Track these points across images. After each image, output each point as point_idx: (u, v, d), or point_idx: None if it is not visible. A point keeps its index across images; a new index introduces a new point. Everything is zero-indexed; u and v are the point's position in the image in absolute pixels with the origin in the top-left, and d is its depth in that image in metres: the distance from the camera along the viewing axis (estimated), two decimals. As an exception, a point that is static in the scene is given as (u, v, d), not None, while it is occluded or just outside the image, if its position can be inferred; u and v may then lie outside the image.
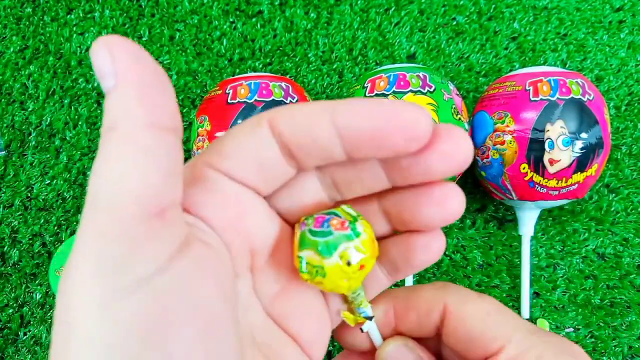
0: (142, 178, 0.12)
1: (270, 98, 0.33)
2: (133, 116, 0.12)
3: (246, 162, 0.16)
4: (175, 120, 0.13)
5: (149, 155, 0.12)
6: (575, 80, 0.33)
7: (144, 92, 0.13)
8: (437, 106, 0.32)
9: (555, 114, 0.32)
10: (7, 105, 0.42)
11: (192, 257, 0.13)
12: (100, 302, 0.12)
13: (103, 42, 0.12)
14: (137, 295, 0.12)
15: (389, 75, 0.33)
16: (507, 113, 0.33)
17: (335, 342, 0.36)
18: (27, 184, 0.40)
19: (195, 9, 0.45)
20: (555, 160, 0.32)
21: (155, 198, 0.12)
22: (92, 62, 0.13)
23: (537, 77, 0.33)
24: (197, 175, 0.16)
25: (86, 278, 0.12)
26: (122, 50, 0.12)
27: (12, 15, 0.44)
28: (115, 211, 0.12)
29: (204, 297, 0.13)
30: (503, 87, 0.35)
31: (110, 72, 0.12)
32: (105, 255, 0.12)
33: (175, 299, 0.12)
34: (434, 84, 0.33)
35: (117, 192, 0.12)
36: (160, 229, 0.12)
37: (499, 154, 0.34)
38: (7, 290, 0.37)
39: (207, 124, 0.33)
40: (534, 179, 0.33)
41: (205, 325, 0.13)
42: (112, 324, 0.12)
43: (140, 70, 0.13)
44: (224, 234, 0.15)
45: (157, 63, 0.13)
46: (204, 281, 0.14)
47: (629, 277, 0.39)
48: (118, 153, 0.12)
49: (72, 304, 0.12)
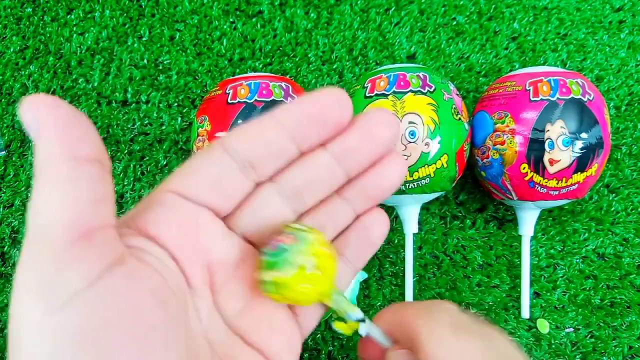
0: (65, 206, 0.14)
1: (271, 98, 0.33)
2: (54, 154, 0.14)
3: (201, 181, 0.18)
4: (98, 152, 0.15)
5: (71, 184, 0.14)
6: (575, 80, 0.33)
7: (62, 132, 0.14)
8: (437, 106, 0.32)
9: (555, 114, 0.32)
10: (7, 105, 0.42)
11: (125, 273, 0.15)
12: (38, 318, 0.13)
13: (27, 103, 0.14)
14: (70, 309, 0.13)
15: (389, 75, 0.33)
16: (507, 113, 0.33)
17: (336, 342, 0.36)
18: (27, 184, 0.40)
19: (195, 9, 0.45)
20: (556, 160, 0.32)
21: (79, 223, 0.14)
22: (22, 122, 0.14)
23: (537, 77, 0.33)
24: (156, 199, 0.17)
25: (25, 300, 0.13)
26: (41, 105, 0.14)
27: (12, 15, 0.45)
28: (43, 237, 0.14)
29: (138, 309, 0.15)
30: (503, 87, 0.35)
31: (35, 126, 0.14)
32: (38, 278, 0.13)
33: (107, 310, 0.14)
34: (434, 84, 0.33)
35: (44, 220, 0.14)
36: (88, 249, 0.14)
37: (499, 154, 0.34)
38: (7, 290, 0.37)
39: (207, 124, 0.33)
40: (534, 179, 0.33)
41: (143, 334, 0.14)
42: (51, 336, 0.13)
43: (57, 116, 0.14)
44: (176, 251, 0.17)
45: (74, 107, 0.15)
46: (139, 294, 0.15)
47: (629, 277, 0.39)
48: (42, 187, 0.14)
49: (17, 323, 0.14)
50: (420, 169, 0.32)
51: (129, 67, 0.43)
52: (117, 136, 0.41)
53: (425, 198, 0.35)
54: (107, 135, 0.41)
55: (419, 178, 0.32)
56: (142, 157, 0.41)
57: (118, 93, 0.42)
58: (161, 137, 0.41)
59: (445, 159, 0.32)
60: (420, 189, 0.33)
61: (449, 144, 0.32)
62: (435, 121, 0.32)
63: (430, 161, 0.32)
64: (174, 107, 0.42)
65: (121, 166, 0.40)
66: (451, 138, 0.33)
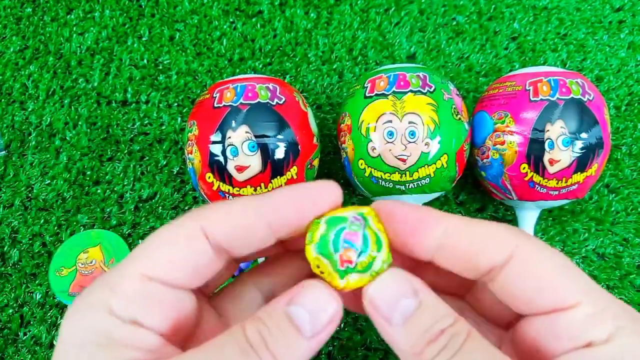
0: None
1: (256, 100, 0.32)
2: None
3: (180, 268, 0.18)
4: None
5: None
6: (575, 80, 0.33)
7: None
8: (437, 106, 0.32)
9: (555, 114, 0.32)
10: (7, 105, 0.42)
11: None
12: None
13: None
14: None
15: (389, 75, 0.33)
16: (507, 113, 0.33)
17: (335, 342, 0.36)
18: (27, 184, 0.40)
19: (195, 9, 0.45)
20: (556, 160, 0.32)
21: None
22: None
23: (537, 77, 0.33)
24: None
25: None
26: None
27: (12, 15, 0.45)
28: None
29: None
30: (503, 87, 0.35)
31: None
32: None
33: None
34: (434, 84, 0.33)
35: None
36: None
37: (498, 154, 0.34)
38: (7, 290, 0.37)
39: (195, 128, 0.33)
40: (534, 179, 0.33)
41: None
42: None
43: None
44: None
45: None
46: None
47: (629, 277, 0.39)
48: None
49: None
50: (420, 169, 0.32)
51: (128, 67, 0.43)
52: (117, 136, 0.41)
53: (425, 198, 0.35)
54: (107, 135, 0.41)
55: (419, 178, 0.32)
56: (142, 157, 0.41)
57: (118, 93, 0.42)
58: (161, 137, 0.41)
59: (445, 159, 0.32)
60: (420, 189, 0.33)
61: (449, 144, 0.32)
62: (435, 121, 0.32)
63: (430, 161, 0.32)
64: (173, 107, 0.42)
65: (121, 166, 0.40)
66: (451, 138, 0.32)
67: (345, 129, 0.34)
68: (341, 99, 0.42)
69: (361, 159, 0.33)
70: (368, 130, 0.32)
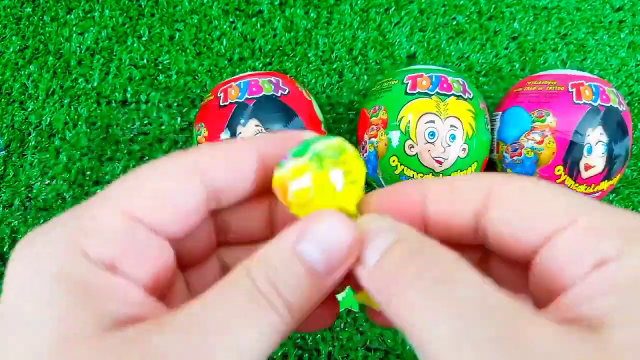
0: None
1: (261, 94, 0.32)
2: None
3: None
4: None
5: None
6: (612, 89, 0.33)
7: None
8: (475, 113, 0.32)
9: (596, 119, 0.31)
10: (7, 105, 0.42)
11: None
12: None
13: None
14: None
15: (430, 75, 0.33)
16: (549, 112, 0.32)
17: (335, 342, 0.36)
18: (27, 184, 0.40)
19: (195, 8, 0.45)
20: (591, 165, 0.32)
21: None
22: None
23: (578, 79, 0.33)
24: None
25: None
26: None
27: (12, 15, 0.44)
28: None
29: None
30: (543, 85, 0.34)
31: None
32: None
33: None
34: (472, 91, 0.33)
35: None
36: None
37: (534, 153, 0.33)
38: (7, 290, 0.37)
39: (204, 130, 0.33)
40: (566, 183, 0.32)
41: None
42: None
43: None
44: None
45: None
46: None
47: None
48: None
49: None
50: (453, 174, 0.32)
51: (128, 67, 0.43)
52: (117, 136, 0.41)
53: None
54: (107, 135, 0.41)
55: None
56: (142, 157, 0.41)
57: (118, 93, 0.42)
58: (161, 137, 0.41)
59: (474, 166, 0.32)
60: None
61: (479, 153, 0.32)
62: (472, 128, 0.32)
63: (463, 167, 0.32)
64: (173, 107, 0.42)
65: (121, 166, 0.40)
66: (482, 147, 0.32)
67: (378, 122, 0.33)
68: (341, 99, 0.42)
69: (394, 156, 0.32)
70: (408, 127, 0.32)
